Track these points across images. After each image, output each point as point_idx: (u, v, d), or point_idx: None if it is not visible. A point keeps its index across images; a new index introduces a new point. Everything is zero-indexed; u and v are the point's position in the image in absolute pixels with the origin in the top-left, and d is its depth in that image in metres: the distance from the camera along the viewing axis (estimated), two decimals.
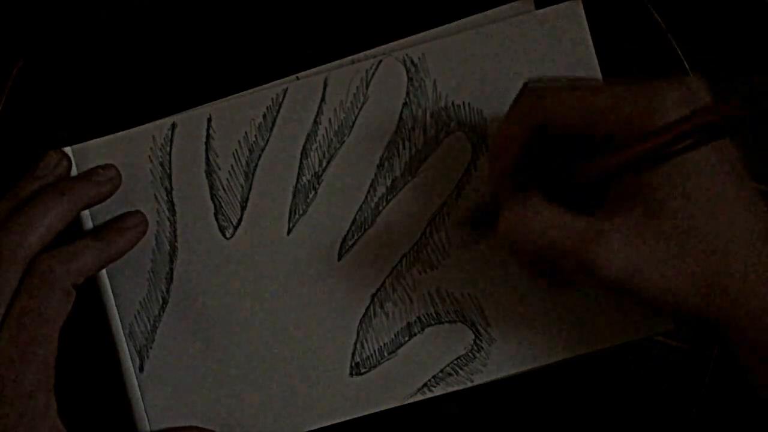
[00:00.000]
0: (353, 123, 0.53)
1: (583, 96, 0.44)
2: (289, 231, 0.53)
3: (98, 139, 0.52)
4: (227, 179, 0.53)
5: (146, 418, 0.52)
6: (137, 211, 0.52)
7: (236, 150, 0.53)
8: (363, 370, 0.52)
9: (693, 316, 0.44)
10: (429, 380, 0.52)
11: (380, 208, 0.53)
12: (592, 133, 0.44)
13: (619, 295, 0.46)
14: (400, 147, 0.52)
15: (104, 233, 0.50)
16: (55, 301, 0.47)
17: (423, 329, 0.52)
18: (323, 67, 0.53)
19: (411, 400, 0.52)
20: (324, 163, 0.53)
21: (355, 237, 0.53)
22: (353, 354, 0.52)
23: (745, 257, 0.43)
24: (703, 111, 0.40)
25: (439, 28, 0.53)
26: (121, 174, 0.52)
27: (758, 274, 0.43)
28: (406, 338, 0.52)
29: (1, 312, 0.46)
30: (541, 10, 0.52)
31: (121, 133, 0.53)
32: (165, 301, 0.53)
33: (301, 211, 0.53)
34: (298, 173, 0.53)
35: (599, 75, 0.51)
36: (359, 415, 0.52)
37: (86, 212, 0.52)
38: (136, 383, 0.52)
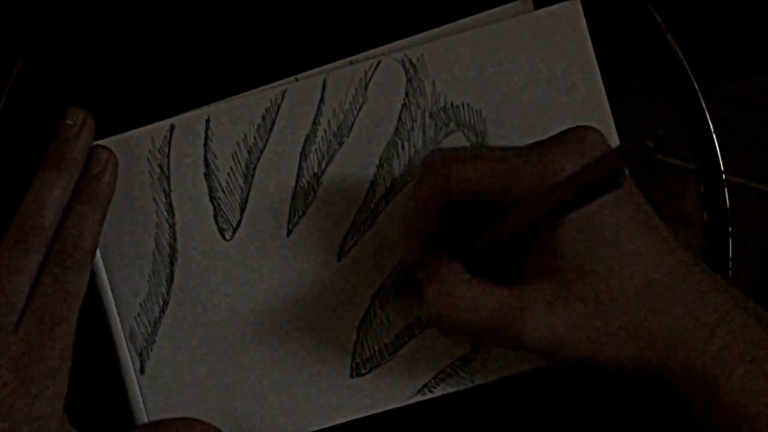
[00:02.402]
0: (352, 124, 0.52)
1: (485, 162, 0.45)
2: (289, 232, 0.53)
3: (97, 141, 0.52)
4: (226, 181, 0.53)
5: (147, 420, 0.52)
6: (96, 146, 0.51)
7: (235, 152, 0.53)
8: (363, 371, 0.52)
9: (631, 373, 0.44)
10: (429, 381, 0.52)
11: (380, 208, 0.53)
12: (496, 201, 0.45)
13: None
14: (400, 148, 0.52)
15: (84, 191, 0.51)
16: (75, 280, 0.49)
17: (423, 330, 0.52)
18: (322, 68, 0.53)
19: (412, 401, 0.52)
20: (323, 165, 0.53)
21: (355, 238, 0.53)
22: (354, 355, 0.52)
23: (666, 303, 0.44)
24: (593, 166, 0.40)
25: (438, 29, 0.52)
26: (120, 175, 0.52)
27: (686, 319, 0.43)
28: (407, 339, 0.52)
29: (26, 292, 0.49)
30: (540, 11, 0.52)
31: (119, 135, 0.53)
32: (165, 303, 0.53)
33: (300, 213, 0.53)
34: (298, 174, 0.53)
35: (598, 75, 0.51)
36: (360, 416, 0.52)
37: None
38: (136, 385, 0.52)
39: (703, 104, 0.53)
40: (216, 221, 0.53)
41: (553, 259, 0.44)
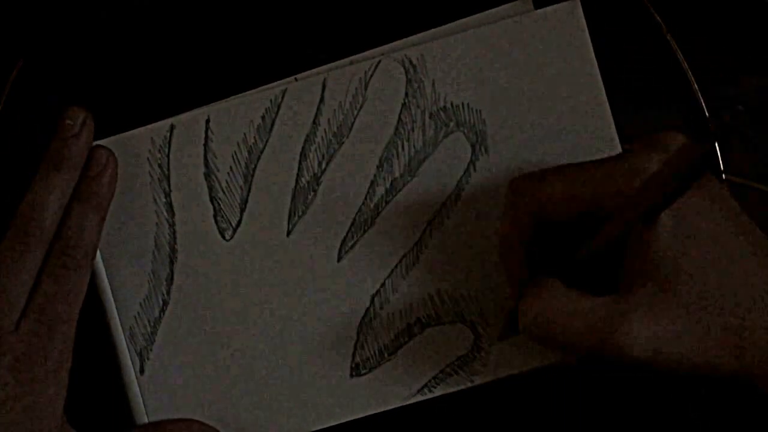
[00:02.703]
0: (352, 124, 0.52)
1: (571, 179, 0.45)
2: (289, 232, 0.53)
3: (97, 141, 0.52)
4: (226, 181, 0.53)
5: (147, 420, 0.52)
6: (96, 146, 0.51)
7: (235, 152, 0.53)
8: (363, 371, 0.52)
9: (729, 378, 0.44)
10: (429, 381, 0.52)
11: (380, 208, 0.52)
12: (588, 214, 0.45)
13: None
14: (399, 148, 0.52)
15: (85, 192, 0.51)
16: (76, 280, 0.49)
17: (423, 330, 0.52)
18: (322, 68, 0.53)
19: (411, 401, 0.52)
20: (323, 165, 0.53)
21: (355, 238, 0.53)
22: (353, 355, 0.52)
23: (766, 303, 0.43)
24: (676, 156, 0.40)
25: (438, 29, 0.52)
26: (120, 176, 0.52)
27: None
28: (407, 339, 0.52)
29: (26, 292, 0.49)
30: (540, 10, 0.52)
31: (119, 135, 0.53)
32: (165, 303, 0.53)
33: (300, 213, 0.53)
34: (297, 174, 0.53)
35: (598, 75, 0.51)
36: (360, 416, 0.52)
37: None
38: (136, 385, 0.52)
39: (703, 104, 0.53)
40: (216, 221, 0.53)
41: (649, 266, 0.43)
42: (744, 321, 0.43)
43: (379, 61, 0.52)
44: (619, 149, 0.51)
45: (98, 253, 0.52)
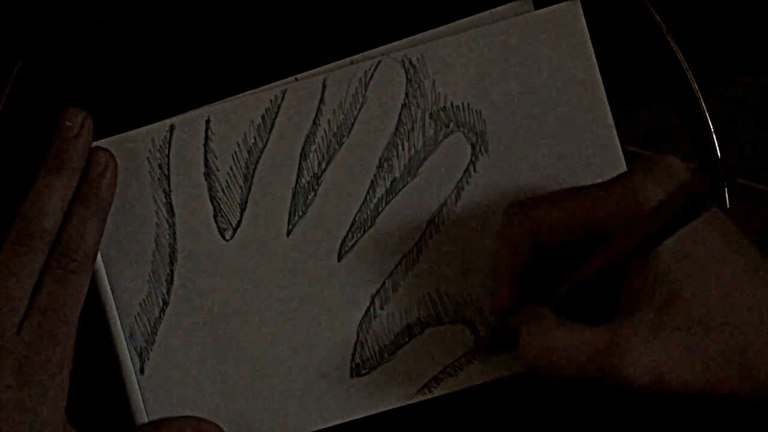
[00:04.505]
0: (352, 124, 0.52)
1: (569, 204, 0.45)
2: (289, 232, 0.53)
3: (97, 141, 0.52)
4: (226, 181, 0.53)
5: (147, 420, 0.52)
6: (96, 148, 0.51)
7: (235, 152, 0.53)
8: (363, 372, 0.52)
9: (731, 398, 0.43)
10: (429, 381, 0.52)
11: (380, 209, 0.52)
12: (585, 239, 0.44)
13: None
14: (399, 148, 0.52)
15: (85, 194, 0.51)
16: (77, 282, 0.50)
17: (423, 330, 0.52)
18: (322, 68, 0.53)
19: (412, 401, 0.52)
20: (323, 165, 0.53)
21: (355, 238, 0.53)
22: (353, 355, 0.52)
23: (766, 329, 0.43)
24: (683, 189, 0.40)
25: (438, 29, 0.52)
26: (120, 176, 0.52)
27: None
28: (407, 339, 0.52)
29: (28, 295, 0.49)
30: (540, 11, 0.52)
31: (119, 135, 0.53)
32: (165, 303, 0.53)
33: (300, 213, 0.53)
34: (298, 174, 0.53)
35: (598, 75, 0.51)
36: (360, 416, 0.52)
37: None
38: (136, 385, 0.52)
39: (703, 104, 0.53)
40: (216, 221, 0.53)
41: (649, 290, 0.43)
42: (749, 340, 0.43)
43: (379, 62, 0.52)
44: (619, 149, 0.51)
45: (98, 253, 0.52)
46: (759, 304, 0.43)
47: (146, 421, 0.52)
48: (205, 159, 0.53)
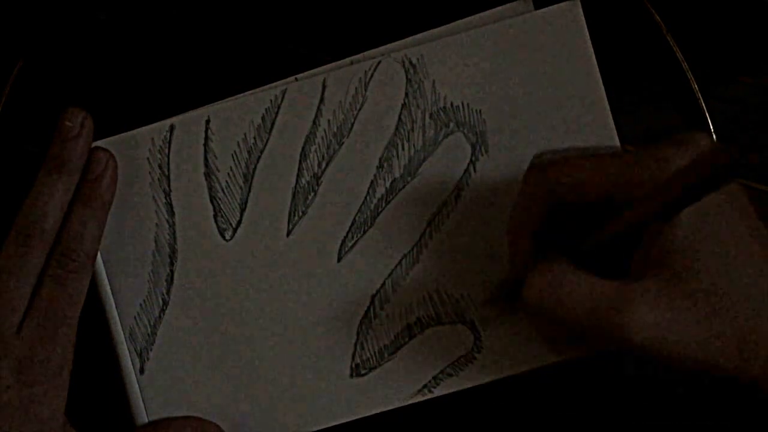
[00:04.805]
0: (352, 124, 0.52)
1: (593, 166, 0.44)
2: (289, 232, 0.53)
3: (97, 141, 0.52)
4: (226, 181, 0.53)
5: (147, 420, 0.52)
6: (96, 148, 0.52)
7: (235, 152, 0.53)
8: (363, 372, 0.52)
9: (728, 378, 0.43)
10: (429, 381, 0.52)
11: (379, 209, 0.52)
12: (607, 200, 0.44)
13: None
14: (399, 148, 0.52)
15: (85, 194, 0.51)
16: (77, 283, 0.50)
17: (423, 330, 0.52)
18: (322, 68, 0.53)
19: (411, 401, 0.52)
20: (323, 165, 0.53)
21: (355, 238, 0.53)
22: (353, 355, 0.52)
23: None
24: (705, 158, 0.40)
25: (438, 29, 0.52)
26: (120, 176, 0.52)
27: None
28: (406, 339, 0.52)
29: (28, 295, 0.49)
30: (540, 11, 0.52)
31: (119, 135, 0.53)
32: (165, 303, 0.53)
33: (300, 213, 0.53)
34: (297, 174, 0.53)
35: (598, 75, 0.51)
36: (359, 416, 0.52)
37: None
38: (136, 385, 0.52)
39: (703, 104, 0.53)
40: (216, 221, 0.53)
41: (665, 256, 0.43)
42: (751, 322, 0.43)
43: (379, 62, 0.52)
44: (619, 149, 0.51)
45: (98, 253, 0.52)
46: (763, 286, 0.43)
47: (146, 421, 0.52)
48: (205, 159, 0.53)
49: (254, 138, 0.53)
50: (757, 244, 0.43)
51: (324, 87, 0.52)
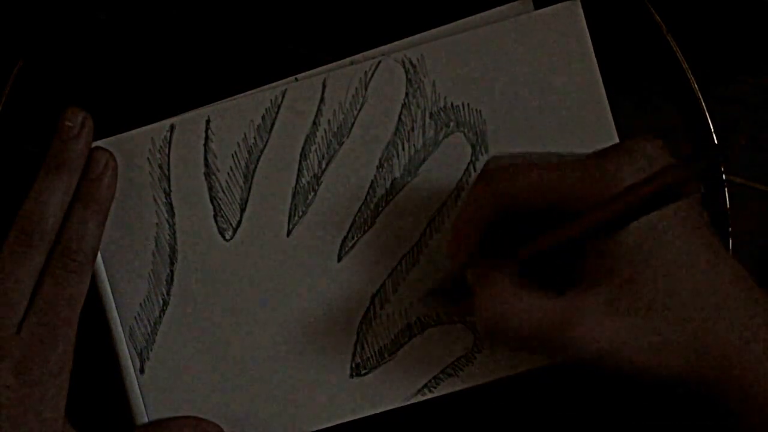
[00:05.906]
0: (352, 124, 0.52)
1: (537, 176, 0.44)
2: (289, 232, 0.53)
3: (97, 141, 0.52)
4: (226, 181, 0.53)
5: (147, 420, 0.52)
6: (96, 148, 0.52)
7: (235, 152, 0.53)
8: (363, 371, 0.52)
9: (682, 386, 0.44)
10: (429, 381, 0.52)
11: (380, 209, 0.53)
12: (554, 209, 0.44)
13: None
14: (399, 148, 0.52)
15: (85, 194, 0.51)
16: (77, 283, 0.50)
17: (423, 330, 0.52)
18: (322, 68, 0.53)
19: (412, 401, 0.52)
20: (323, 165, 0.53)
21: (355, 238, 0.53)
22: (353, 355, 0.52)
23: (723, 318, 0.43)
24: (656, 177, 0.39)
25: (438, 29, 0.52)
26: (120, 176, 0.52)
27: (739, 332, 0.43)
28: (407, 339, 0.52)
29: (28, 295, 0.49)
30: (540, 11, 0.52)
31: (119, 135, 0.53)
32: (165, 303, 0.53)
33: (300, 213, 0.53)
34: (298, 175, 0.53)
35: (598, 75, 0.51)
36: (360, 416, 0.52)
37: None
38: (136, 385, 0.52)
39: (703, 104, 0.53)
40: (216, 221, 0.53)
41: (611, 267, 0.43)
42: (703, 326, 0.43)
43: (379, 62, 0.52)
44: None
45: (98, 253, 0.52)
46: (718, 294, 0.43)
47: (146, 421, 0.52)
48: (205, 159, 0.53)
49: (254, 138, 0.53)
50: (707, 252, 0.43)
51: (324, 87, 0.52)
